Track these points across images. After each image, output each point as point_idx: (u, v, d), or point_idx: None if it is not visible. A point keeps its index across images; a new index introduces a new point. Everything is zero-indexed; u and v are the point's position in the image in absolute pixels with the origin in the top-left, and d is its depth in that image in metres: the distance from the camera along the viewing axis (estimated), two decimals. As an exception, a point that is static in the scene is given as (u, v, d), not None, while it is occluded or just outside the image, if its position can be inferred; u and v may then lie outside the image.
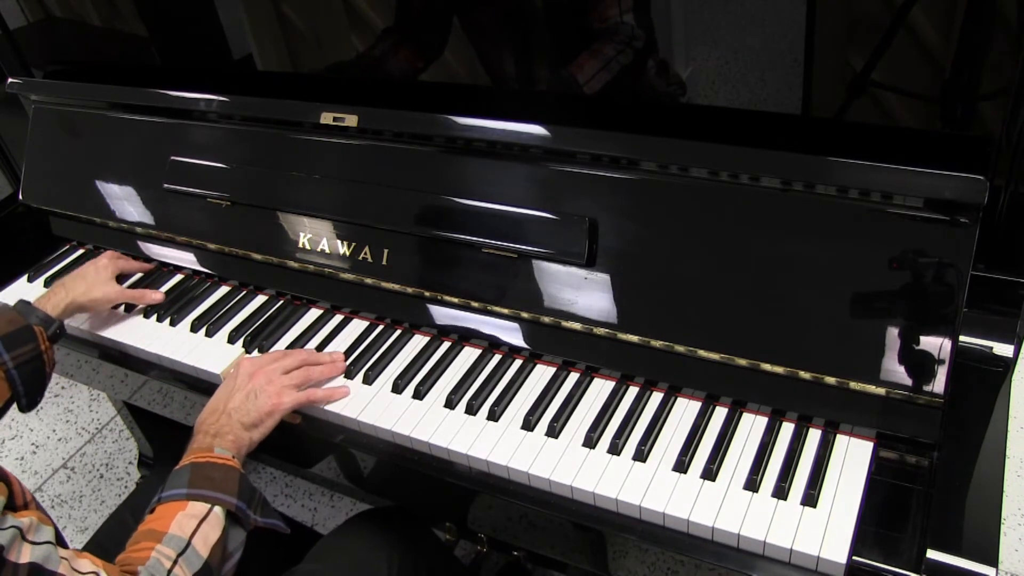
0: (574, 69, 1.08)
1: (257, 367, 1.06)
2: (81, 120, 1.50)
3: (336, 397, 1.08)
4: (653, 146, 1.01)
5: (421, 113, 1.15)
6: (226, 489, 0.92)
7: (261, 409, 1.02)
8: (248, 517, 0.93)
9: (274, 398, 1.03)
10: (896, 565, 0.79)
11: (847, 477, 0.88)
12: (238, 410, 1.02)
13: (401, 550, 1.10)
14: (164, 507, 0.90)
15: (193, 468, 0.93)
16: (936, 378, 0.87)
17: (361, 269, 1.20)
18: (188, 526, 0.87)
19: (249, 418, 1.01)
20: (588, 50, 1.06)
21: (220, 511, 0.90)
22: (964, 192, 0.85)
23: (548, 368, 1.08)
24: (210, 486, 0.91)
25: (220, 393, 1.05)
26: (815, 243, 0.93)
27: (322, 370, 1.10)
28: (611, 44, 1.04)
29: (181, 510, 0.88)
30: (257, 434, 1.02)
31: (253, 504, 0.94)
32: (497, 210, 1.10)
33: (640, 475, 0.92)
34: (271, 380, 1.05)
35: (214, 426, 1.00)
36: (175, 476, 0.93)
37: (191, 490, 0.90)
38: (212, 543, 0.87)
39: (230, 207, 1.31)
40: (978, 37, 0.86)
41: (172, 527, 0.86)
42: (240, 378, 1.05)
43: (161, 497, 0.91)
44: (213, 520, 0.89)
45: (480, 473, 0.99)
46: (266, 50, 1.35)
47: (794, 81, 0.97)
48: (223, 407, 1.02)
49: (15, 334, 1.09)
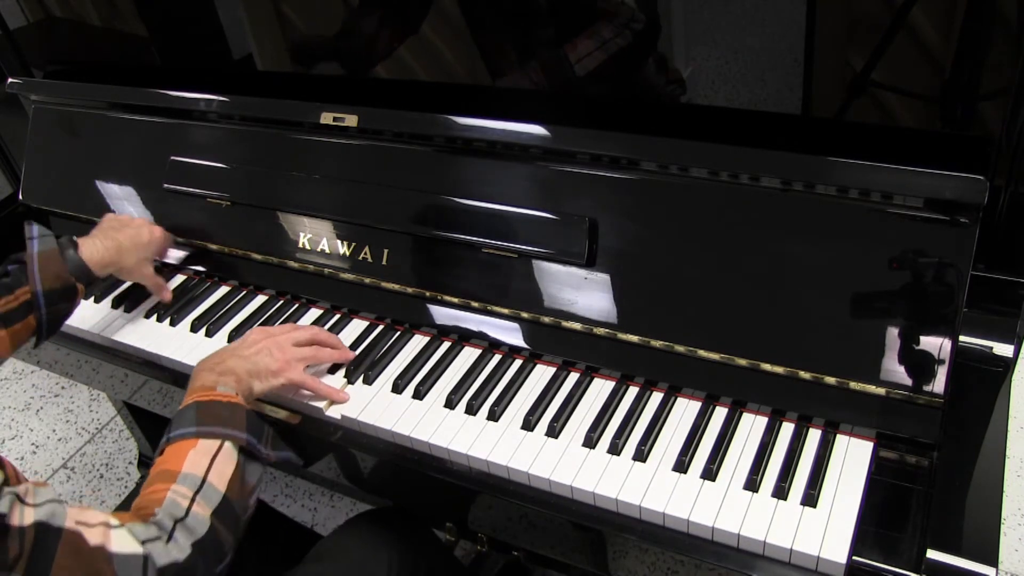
0: (568, 48, 1.07)
1: (268, 333, 1.06)
2: (81, 120, 1.50)
3: (337, 399, 1.08)
4: (653, 146, 1.01)
5: (421, 113, 1.15)
6: (235, 424, 0.90)
7: (269, 366, 1.01)
8: (260, 451, 0.92)
9: (281, 363, 1.02)
10: (896, 565, 0.79)
11: (847, 477, 0.88)
12: (244, 358, 1.00)
13: (401, 551, 1.10)
14: (173, 447, 0.88)
15: (198, 407, 0.91)
16: (936, 378, 0.87)
17: (361, 269, 1.20)
18: (201, 463, 0.86)
19: (255, 367, 1.00)
20: (585, 31, 1.06)
21: (232, 446, 0.89)
22: (964, 192, 0.85)
23: (548, 368, 1.08)
24: (218, 422, 0.90)
25: (227, 346, 1.05)
26: (815, 243, 0.93)
27: (331, 354, 1.10)
28: (609, 25, 1.03)
29: (192, 448, 0.87)
30: (258, 386, 1.00)
31: (263, 438, 0.93)
32: (497, 210, 1.10)
33: (640, 475, 0.92)
34: (282, 348, 1.04)
35: (218, 366, 0.99)
36: (180, 416, 0.91)
37: (199, 427, 0.89)
38: (228, 477, 0.86)
39: (230, 207, 1.31)
40: (978, 37, 0.86)
41: (185, 465, 0.85)
42: (252, 336, 1.05)
43: (169, 437, 0.89)
44: (226, 455, 0.88)
45: (480, 473, 0.99)
46: (266, 50, 1.35)
47: (794, 81, 0.97)
48: (228, 353, 1.01)
49: (60, 291, 1.08)
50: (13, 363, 2.49)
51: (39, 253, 1.08)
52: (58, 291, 1.07)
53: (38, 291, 1.06)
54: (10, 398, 2.39)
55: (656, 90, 1.07)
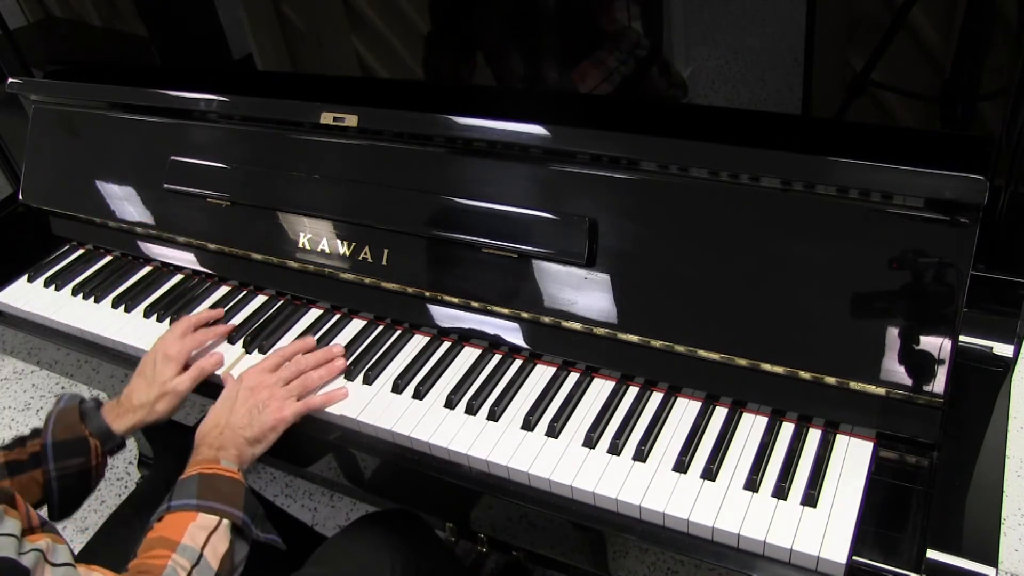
0: (576, 77, 1.08)
1: (257, 381, 1.06)
2: (81, 120, 1.50)
3: (335, 400, 1.08)
4: (653, 146, 1.01)
5: (421, 113, 1.15)
6: (233, 502, 0.93)
7: (265, 424, 1.02)
8: (251, 532, 0.94)
9: (276, 413, 1.03)
10: (896, 565, 0.79)
11: (847, 477, 0.88)
12: (241, 426, 1.02)
13: (404, 553, 1.10)
14: (174, 516, 0.90)
15: (201, 479, 0.94)
16: (936, 378, 0.87)
17: (361, 269, 1.20)
18: (199, 537, 0.88)
19: (252, 432, 1.02)
20: (591, 58, 1.06)
21: (227, 524, 0.91)
22: (964, 192, 0.85)
23: (548, 368, 1.08)
24: (218, 498, 0.92)
25: (221, 407, 1.05)
26: (815, 243, 0.93)
27: (320, 375, 1.10)
28: (615, 53, 1.04)
29: (192, 521, 0.89)
30: (259, 448, 1.02)
31: (256, 519, 0.95)
32: (497, 210, 1.10)
33: (640, 475, 0.92)
34: (273, 395, 1.05)
35: (218, 439, 1.00)
36: (183, 486, 0.93)
37: (200, 501, 0.91)
38: (221, 555, 0.89)
39: (230, 207, 1.31)
40: (978, 37, 0.86)
41: (185, 537, 0.87)
42: (242, 393, 1.05)
43: (171, 506, 0.91)
44: (221, 533, 0.90)
45: (480, 473, 0.99)
46: (266, 50, 1.35)
47: (794, 81, 0.97)
48: (225, 421, 1.02)
49: (69, 444, 1.02)
50: (13, 363, 2.49)
51: (59, 410, 1.05)
52: (64, 444, 1.02)
53: (47, 443, 1.01)
54: (10, 398, 2.39)
55: (658, 94, 1.07)
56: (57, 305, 1.37)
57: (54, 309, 1.36)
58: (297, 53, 1.33)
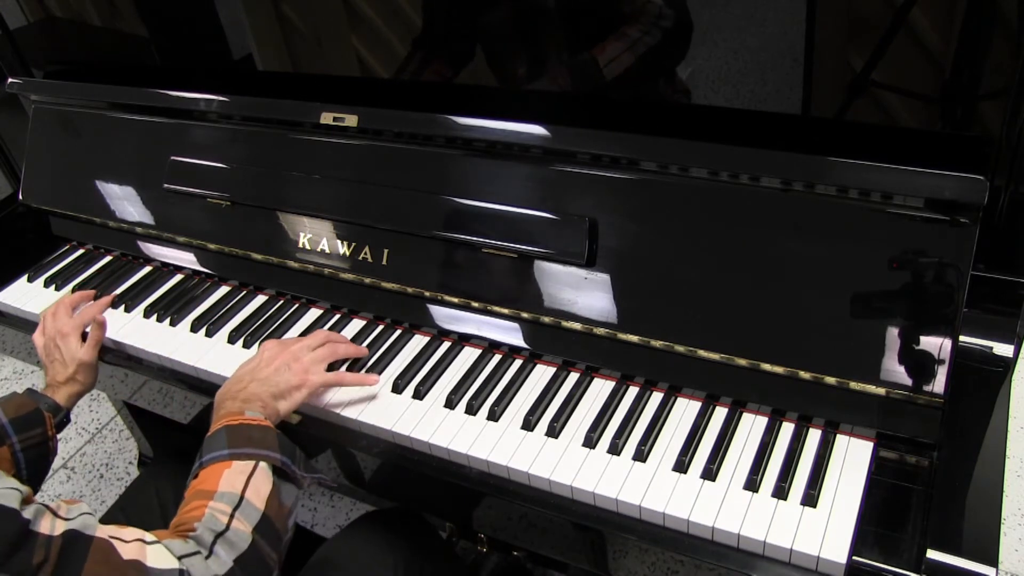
0: (596, 51, 1.06)
1: (283, 347, 1.05)
2: (81, 120, 1.50)
3: (368, 382, 1.07)
4: (653, 146, 1.01)
5: (421, 113, 1.15)
6: (267, 445, 0.90)
7: (290, 382, 1.01)
8: (294, 472, 0.91)
9: (301, 374, 1.02)
10: (896, 565, 0.79)
11: (847, 477, 0.88)
12: (265, 380, 1.00)
13: (406, 554, 1.09)
14: (207, 470, 0.87)
15: (229, 430, 0.91)
16: (936, 378, 0.87)
17: (361, 269, 1.20)
18: (238, 481, 0.85)
19: (277, 388, 1.00)
20: (612, 33, 1.04)
21: (266, 466, 0.88)
22: (964, 192, 0.85)
23: (548, 368, 1.08)
24: (250, 444, 0.89)
25: (243, 368, 1.03)
26: (815, 243, 0.93)
27: (347, 348, 1.10)
28: (636, 25, 1.02)
29: (227, 468, 0.86)
30: (284, 405, 1.00)
31: (296, 459, 0.92)
32: (497, 210, 1.10)
33: (640, 475, 0.92)
34: (298, 357, 1.04)
35: (242, 393, 0.98)
36: (211, 440, 0.90)
37: (232, 449, 0.88)
38: (266, 496, 0.86)
39: (230, 207, 1.31)
40: (978, 37, 0.86)
41: (221, 484, 0.84)
42: (266, 354, 1.04)
43: (202, 461, 0.88)
44: (261, 474, 0.87)
45: (480, 473, 0.99)
46: (266, 50, 1.35)
47: (794, 81, 0.97)
48: (248, 377, 1.01)
49: (26, 417, 1.08)
50: (13, 363, 2.49)
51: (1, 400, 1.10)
52: (22, 418, 1.07)
53: (3, 422, 1.06)
54: (10, 398, 2.39)
55: (659, 94, 1.07)
56: (57, 305, 1.37)
57: (54, 309, 1.36)
58: (297, 53, 1.33)
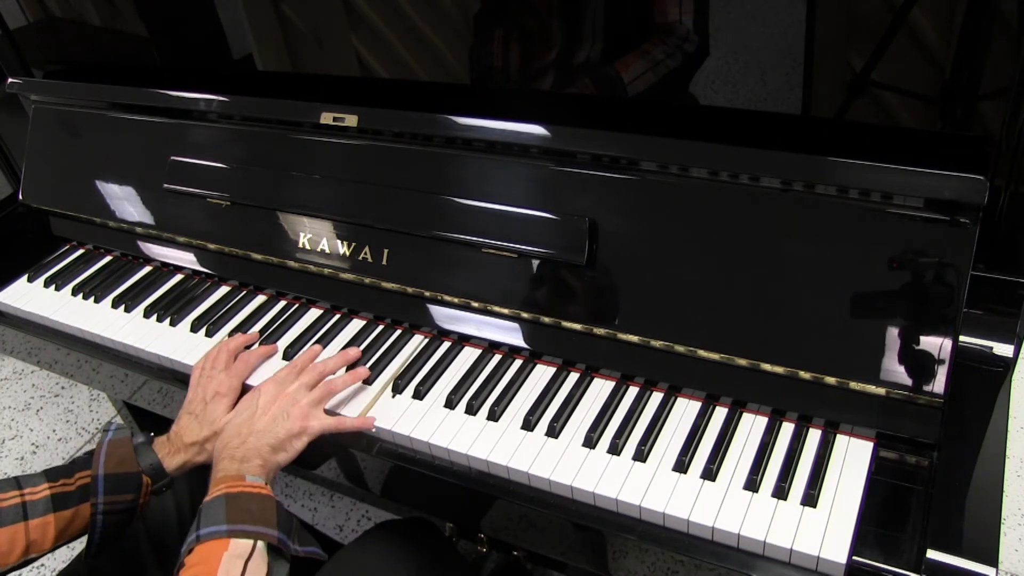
0: (620, 66, 1.06)
1: (279, 390, 1.03)
2: (81, 120, 1.50)
3: (366, 426, 1.04)
4: (653, 146, 1.01)
5: (421, 113, 1.15)
6: (265, 521, 0.87)
7: (290, 431, 0.98)
8: (289, 548, 0.88)
9: (300, 421, 0.99)
10: (896, 565, 0.79)
11: (847, 477, 0.88)
12: (264, 433, 0.97)
13: (420, 563, 1.07)
14: (204, 547, 0.84)
15: (228, 500, 0.88)
16: (936, 378, 0.87)
17: (361, 269, 1.20)
18: (235, 569, 0.82)
19: (276, 439, 0.97)
20: (637, 49, 1.04)
21: (263, 545, 0.85)
22: (964, 192, 0.85)
23: (548, 368, 1.08)
24: (249, 519, 0.86)
25: (241, 416, 1.01)
26: (815, 243, 0.93)
27: (344, 380, 1.07)
28: (661, 46, 1.02)
29: (224, 551, 0.83)
30: (283, 457, 0.98)
31: (292, 533, 0.90)
32: (497, 210, 1.10)
33: (640, 475, 0.92)
34: (296, 401, 1.01)
35: (239, 450, 0.95)
36: (210, 510, 0.87)
37: (231, 525, 0.85)
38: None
39: (230, 207, 1.31)
40: (978, 37, 0.86)
41: (220, 572, 0.81)
42: (263, 400, 1.01)
43: (200, 535, 0.85)
44: (258, 558, 0.84)
45: (480, 473, 0.99)
46: (266, 50, 1.35)
47: (794, 81, 0.97)
48: (247, 430, 0.98)
49: (121, 478, 0.97)
50: (13, 363, 2.49)
51: (111, 440, 0.99)
52: (117, 477, 0.96)
53: (99, 475, 0.95)
54: (10, 398, 2.39)
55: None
56: (57, 305, 1.37)
57: (54, 309, 1.36)
58: (297, 53, 1.33)
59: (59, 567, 1.83)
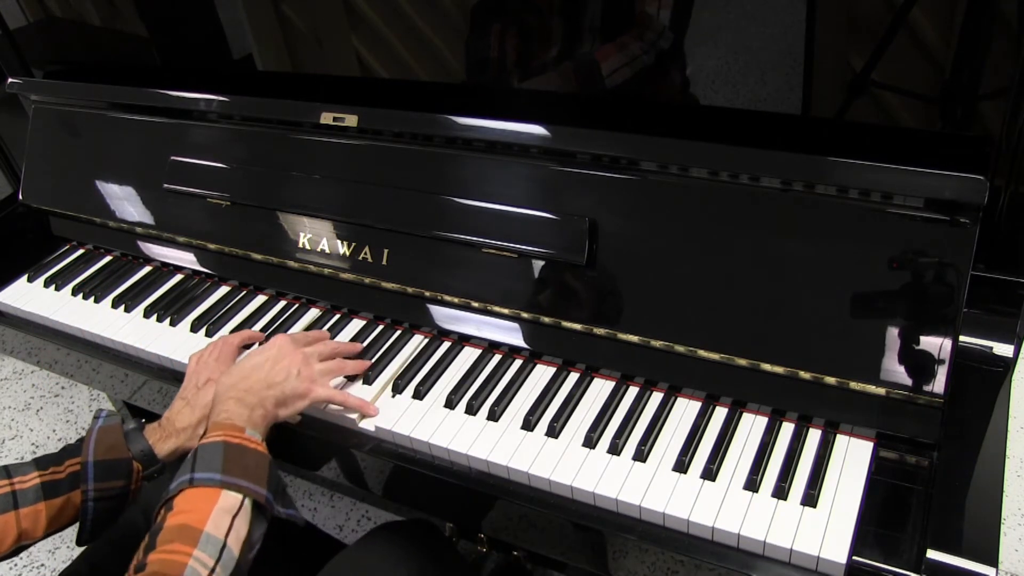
0: (600, 56, 1.06)
1: (294, 345, 1.04)
2: (81, 120, 1.50)
3: (369, 412, 1.05)
4: (653, 146, 1.01)
5: (421, 113, 1.15)
6: (258, 478, 0.87)
7: (296, 390, 0.99)
8: (273, 508, 0.89)
9: (307, 383, 1.01)
10: (896, 565, 0.79)
11: (847, 477, 0.88)
12: (272, 384, 0.98)
13: (421, 566, 1.07)
14: (196, 493, 0.84)
15: (227, 449, 0.88)
16: (936, 378, 0.87)
17: (361, 269, 1.20)
18: (223, 523, 0.82)
19: (282, 394, 0.98)
20: (616, 41, 1.04)
21: (249, 503, 0.86)
22: (964, 192, 0.85)
23: (548, 368, 1.08)
24: (244, 474, 0.87)
25: (252, 359, 1.01)
26: (815, 243, 0.93)
27: (355, 366, 1.10)
28: (639, 41, 1.02)
29: (215, 503, 0.83)
30: (284, 413, 0.99)
31: (278, 495, 0.91)
32: (497, 210, 1.10)
33: (640, 475, 0.92)
34: (307, 364, 1.03)
35: (247, 394, 0.95)
36: (206, 453, 0.87)
37: (225, 476, 0.85)
38: (243, 539, 0.84)
39: (230, 207, 1.31)
40: (978, 37, 0.86)
41: (208, 524, 0.81)
42: (277, 350, 1.02)
43: (194, 479, 0.85)
44: (244, 514, 0.85)
45: (480, 473, 0.99)
46: (266, 50, 1.35)
47: (794, 81, 0.97)
48: (254, 375, 0.98)
49: (111, 464, 0.96)
50: (13, 363, 2.49)
51: (100, 428, 0.99)
52: (107, 464, 0.95)
53: (88, 462, 0.95)
54: (10, 398, 2.39)
55: (659, 94, 1.07)
56: (57, 305, 1.37)
57: (54, 309, 1.36)
58: (297, 53, 1.33)
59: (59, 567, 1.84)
